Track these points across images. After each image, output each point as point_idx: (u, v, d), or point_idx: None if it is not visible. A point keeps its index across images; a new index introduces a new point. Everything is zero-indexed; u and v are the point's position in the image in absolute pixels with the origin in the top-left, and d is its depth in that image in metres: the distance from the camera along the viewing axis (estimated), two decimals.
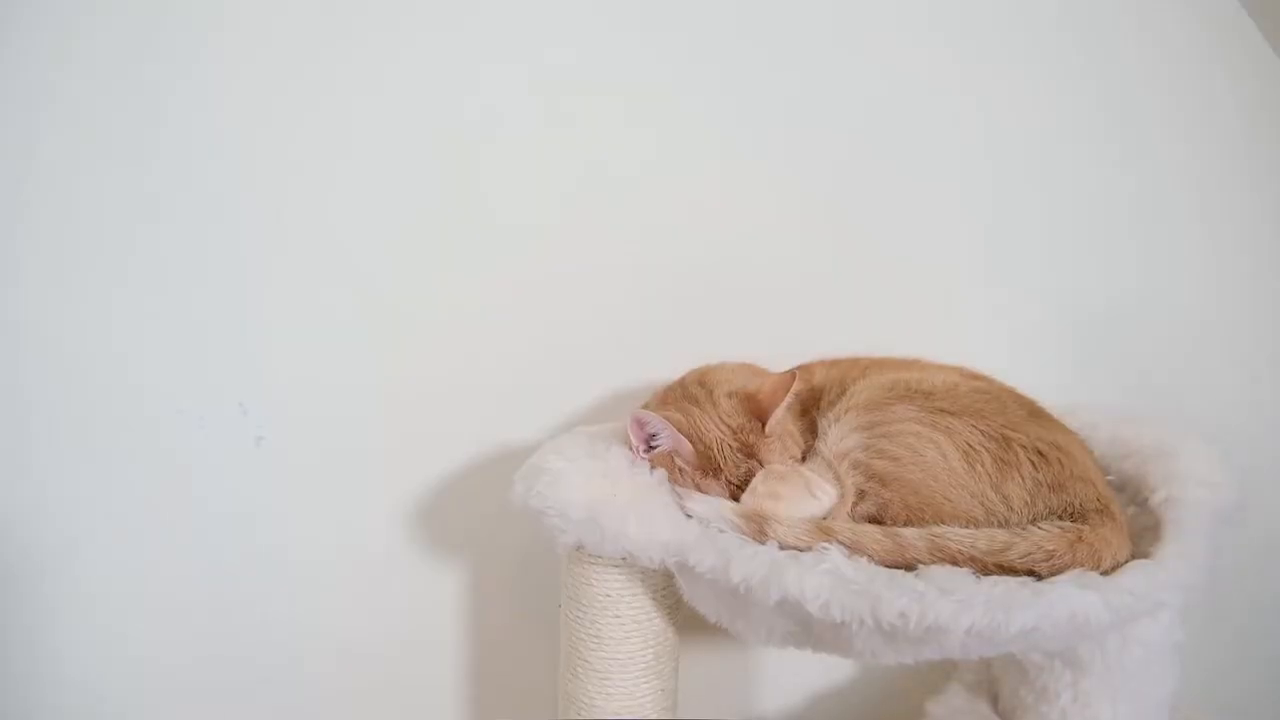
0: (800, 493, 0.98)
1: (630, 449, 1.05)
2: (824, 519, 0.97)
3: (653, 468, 1.04)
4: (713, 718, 1.36)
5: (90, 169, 1.26)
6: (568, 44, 1.33)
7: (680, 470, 1.04)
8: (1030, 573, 0.91)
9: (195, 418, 1.31)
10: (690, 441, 1.03)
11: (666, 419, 1.04)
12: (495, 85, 1.32)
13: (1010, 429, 1.00)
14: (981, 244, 1.43)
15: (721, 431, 1.04)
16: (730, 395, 1.07)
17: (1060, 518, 0.96)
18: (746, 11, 1.35)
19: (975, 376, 1.13)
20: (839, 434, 1.02)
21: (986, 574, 0.90)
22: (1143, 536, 1.02)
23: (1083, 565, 0.91)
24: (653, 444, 1.05)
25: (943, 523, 0.96)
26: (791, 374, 1.07)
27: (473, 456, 1.38)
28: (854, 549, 0.92)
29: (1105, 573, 0.91)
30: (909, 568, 0.91)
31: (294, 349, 1.33)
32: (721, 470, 1.03)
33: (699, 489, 1.02)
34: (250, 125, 1.29)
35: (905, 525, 0.96)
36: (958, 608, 0.85)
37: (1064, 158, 1.41)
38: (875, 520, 0.98)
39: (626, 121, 1.36)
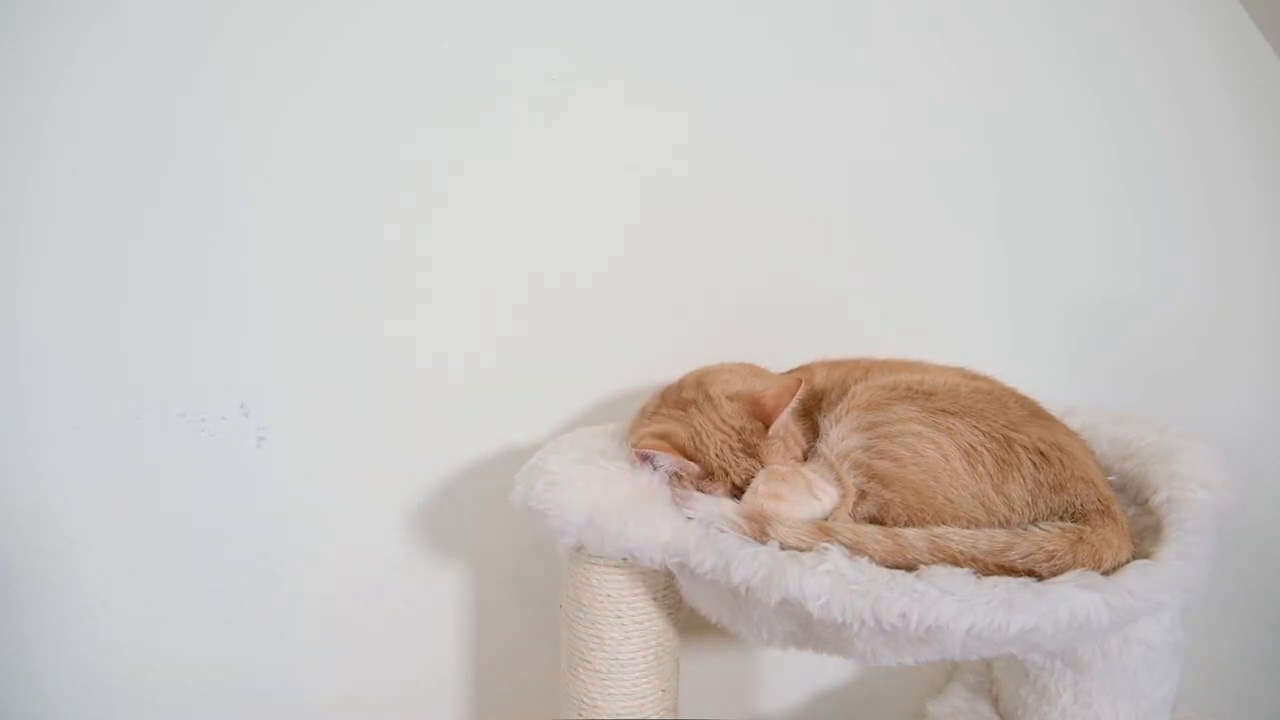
0: (802, 493, 0.98)
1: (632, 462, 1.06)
2: (825, 519, 0.97)
3: (654, 468, 1.05)
4: (713, 718, 1.36)
5: (91, 169, 1.25)
6: (577, 44, 1.33)
7: (679, 476, 1.04)
8: (1031, 573, 0.91)
9: (196, 418, 1.31)
10: (691, 449, 1.03)
11: (667, 435, 1.04)
12: (498, 86, 1.32)
13: (1011, 429, 1.01)
14: (982, 244, 1.43)
15: (724, 434, 1.04)
16: (733, 398, 1.07)
17: (1061, 518, 0.96)
18: (760, 15, 1.35)
19: (976, 377, 1.13)
20: (840, 434, 1.02)
21: (987, 574, 0.90)
22: (1144, 537, 1.02)
23: (1084, 565, 0.91)
24: (656, 465, 1.05)
25: (944, 523, 0.96)
26: (797, 379, 1.07)
27: (474, 457, 1.38)
28: (855, 549, 0.92)
29: (1106, 573, 0.91)
30: (910, 568, 0.91)
31: (295, 349, 1.33)
32: (723, 473, 1.03)
33: (700, 490, 1.02)
34: (251, 126, 1.29)
35: (906, 526, 0.96)
36: (958, 608, 0.85)
37: (1065, 158, 1.41)
38: (876, 521, 0.99)
39: (631, 121, 1.36)
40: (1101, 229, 1.43)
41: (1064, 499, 0.97)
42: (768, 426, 1.04)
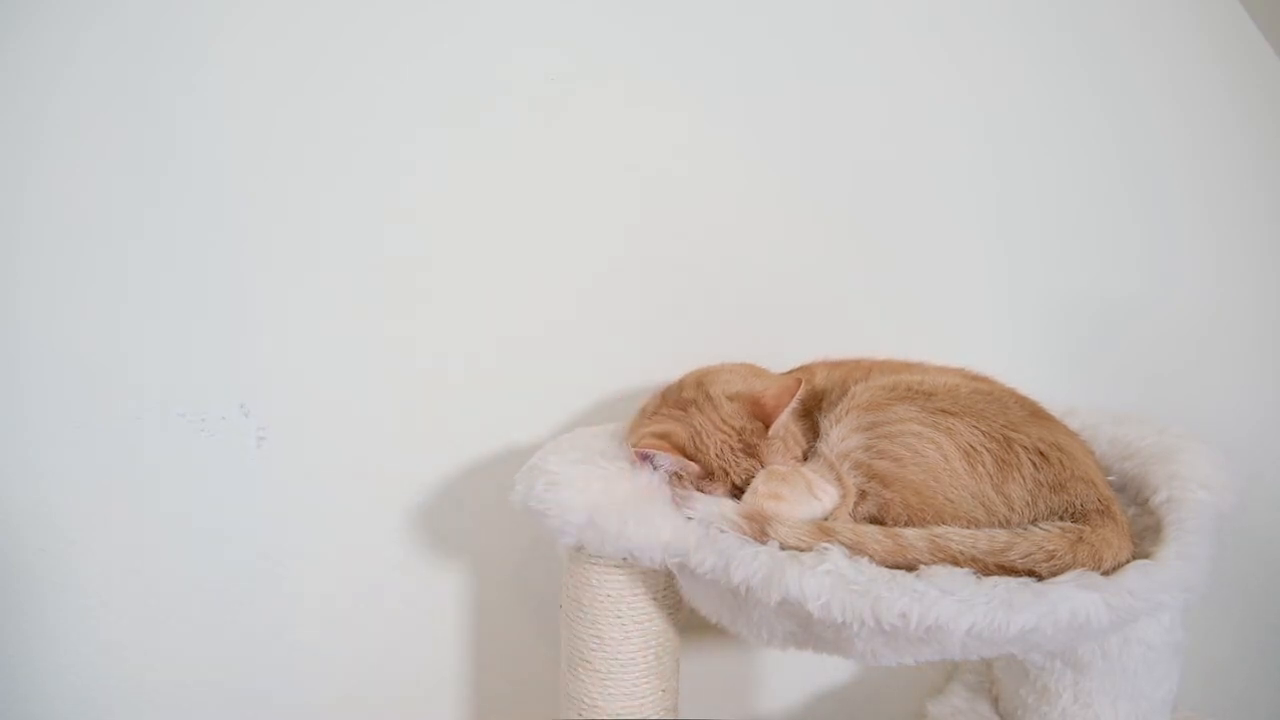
0: (802, 493, 0.98)
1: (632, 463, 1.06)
2: (825, 519, 0.97)
3: (654, 468, 1.05)
4: (713, 718, 1.36)
5: (91, 169, 1.25)
6: (577, 44, 1.33)
7: (679, 476, 1.04)
8: (1031, 573, 0.91)
9: (196, 418, 1.31)
10: (691, 449, 1.03)
11: (667, 435, 1.04)
12: (498, 86, 1.32)
13: (1011, 429, 1.01)
14: (982, 244, 1.43)
15: (724, 434, 1.04)
16: (733, 398, 1.07)
17: (1061, 518, 0.96)
18: (760, 15, 1.35)
19: (977, 378, 1.13)
20: (840, 434, 1.02)
21: (987, 574, 0.90)
22: (1144, 537, 1.02)
23: (1084, 565, 0.91)
24: (656, 465, 1.05)
25: (944, 523, 0.96)
26: (797, 379, 1.07)
27: (474, 456, 1.38)
28: (855, 549, 0.92)
29: (1106, 573, 0.92)
30: (910, 568, 0.91)
31: (295, 349, 1.33)
32: (723, 473, 1.03)
33: (700, 490, 1.02)
34: (251, 126, 1.29)
35: (906, 526, 0.96)
36: (959, 608, 0.85)
37: (1065, 158, 1.41)
38: (876, 521, 0.99)
39: (631, 121, 1.36)
40: (1101, 229, 1.43)
41: (1064, 499, 0.97)
42: (768, 426, 1.04)
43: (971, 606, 0.85)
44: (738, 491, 1.02)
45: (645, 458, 1.04)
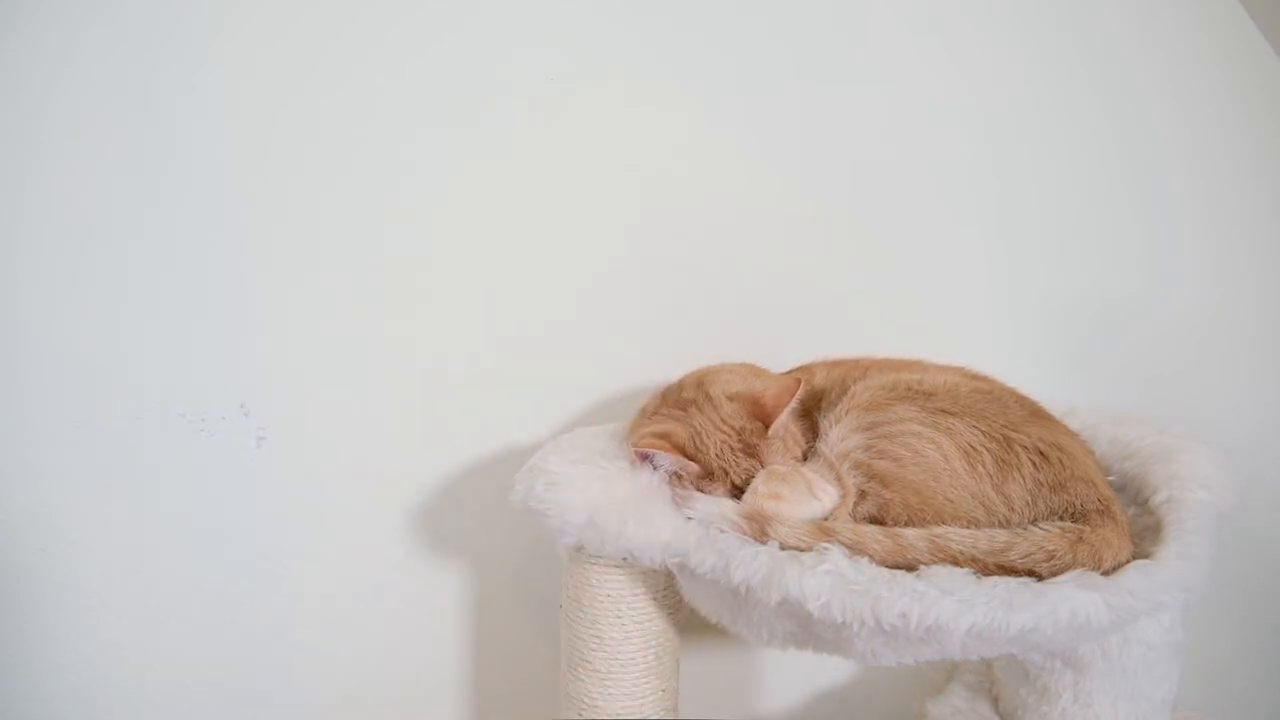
0: (801, 493, 0.98)
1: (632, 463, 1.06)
2: (825, 519, 0.97)
3: (654, 468, 1.05)
4: (713, 718, 1.36)
5: (91, 169, 1.25)
6: (577, 44, 1.33)
7: (679, 476, 1.04)
8: (1031, 573, 0.91)
9: (196, 418, 1.31)
10: (691, 449, 1.03)
11: (667, 435, 1.04)
12: (498, 86, 1.32)
13: (1011, 429, 1.01)
14: (982, 244, 1.43)
15: (724, 434, 1.04)
16: (733, 398, 1.07)
17: (1061, 518, 0.96)
18: (760, 15, 1.35)
19: (977, 377, 1.13)
20: (840, 434, 1.02)
21: (987, 574, 0.90)
22: (1144, 537, 1.02)
23: (1084, 565, 0.91)
24: (656, 465, 1.05)
25: (944, 523, 0.96)
26: (796, 379, 1.07)
27: (474, 456, 1.38)
28: (855, 549, 0.92)
29: (1106, 573, 0.92)
30: (910, 568, 0.91)
31: (295, 349, 1.33)
32: (723, 473, 1.03)
33: (700, 490, 1.02)
34: (251, 126, 1.29)
35: (906, 526, 0.96)
36: (959, 608, 0.85)
37: (1065, 158, 1.41)
38: (876, 521, 0.99)
39: (631, 121, 1.36)
40: (1101, 229, 1.43)
41: (1064, 499, 0.97)
42: (768, 426, 1.04)
43: (971, 606, 0.85)
44: (738, 491, 1.02)
45: (645, 458, 1.04)
